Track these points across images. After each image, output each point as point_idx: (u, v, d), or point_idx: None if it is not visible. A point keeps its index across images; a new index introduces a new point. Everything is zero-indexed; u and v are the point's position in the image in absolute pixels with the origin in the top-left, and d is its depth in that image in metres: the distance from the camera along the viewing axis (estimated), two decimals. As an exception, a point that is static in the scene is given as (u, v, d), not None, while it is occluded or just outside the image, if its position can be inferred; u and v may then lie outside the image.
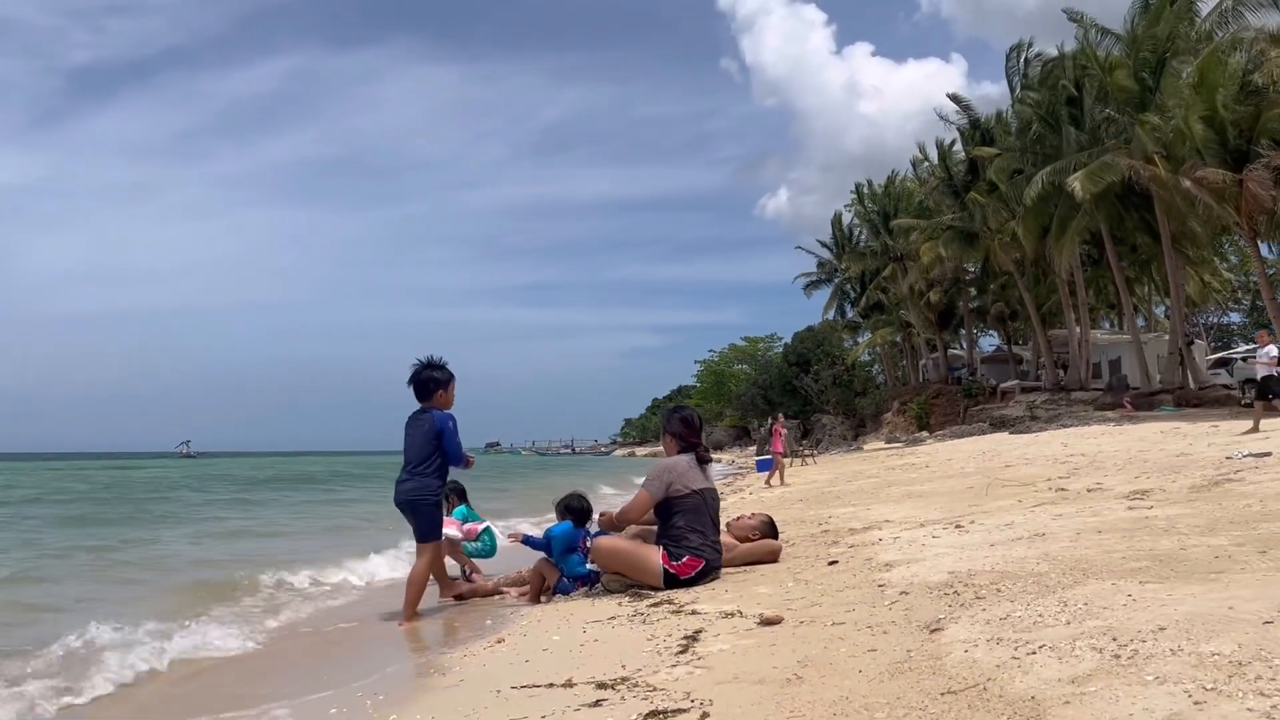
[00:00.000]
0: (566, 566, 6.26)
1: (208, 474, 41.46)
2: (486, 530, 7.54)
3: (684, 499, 5.71)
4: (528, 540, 6.56)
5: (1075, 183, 28.27)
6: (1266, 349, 15.85)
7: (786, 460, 31.16)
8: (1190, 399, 28.35)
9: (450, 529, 7.16)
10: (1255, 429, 14.08)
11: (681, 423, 6.06)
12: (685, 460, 5.86)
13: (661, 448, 6.27)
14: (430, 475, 6.21)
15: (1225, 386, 31.19)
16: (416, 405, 6.34)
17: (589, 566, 6.14)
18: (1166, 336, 34.38)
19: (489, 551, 7.51)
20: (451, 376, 6.39)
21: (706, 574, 5.67)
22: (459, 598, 6.80)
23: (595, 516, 6.56)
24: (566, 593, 6.21)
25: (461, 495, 7.84)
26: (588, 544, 6.11)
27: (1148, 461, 10.78)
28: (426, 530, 6.25)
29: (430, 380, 6.29)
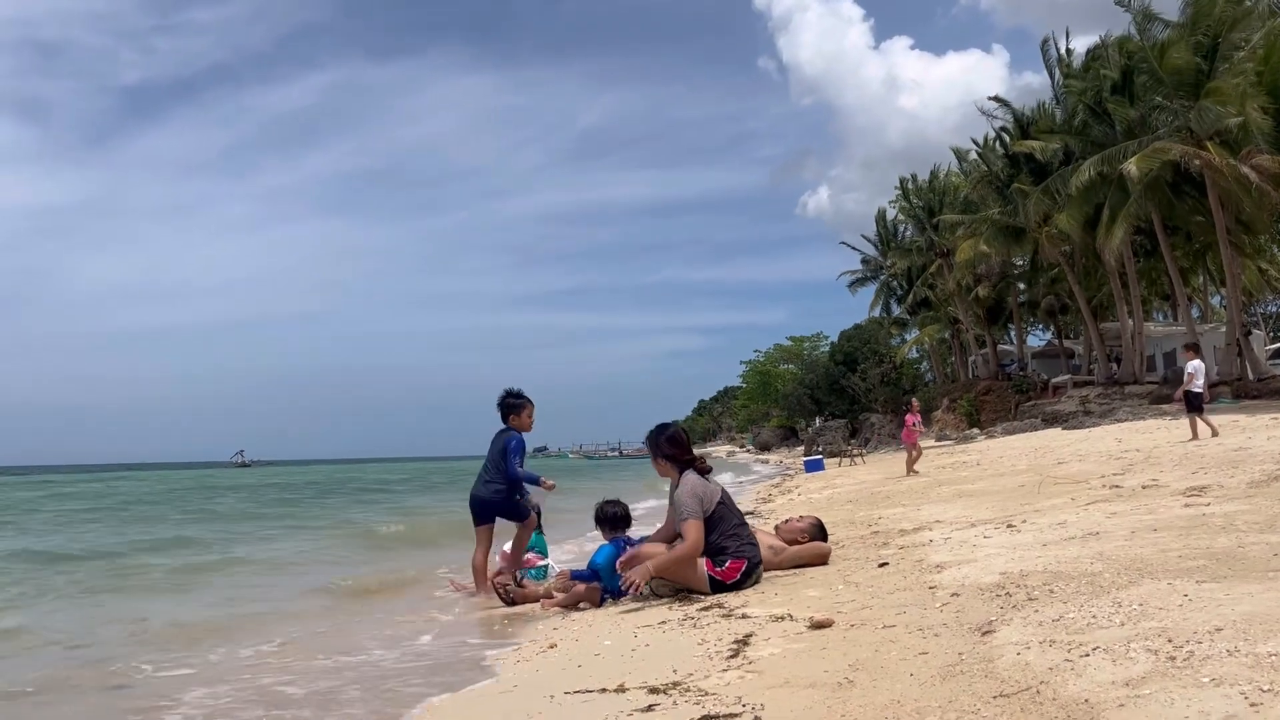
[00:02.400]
0: (613, 582, 6.31)
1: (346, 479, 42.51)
2: (542, 568, 7.66)
3: (711, 515, 5.70)
4: (576, 575, 6.64)
5: (1131, 165, 27.75)
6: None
7: (836, 460, 31.08)
8: (1249, 391, 27.69)
9: (501, 561, 7.64)
10: None
11: (670, 443, 5.96)
12: (696, 479, 5.79)
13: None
14: (496, 482, 7.46)
15: (1286, 377, 30.44)
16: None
17: None
18: (1223, 327, 33.63)
19: (539, 579, 7.61)
20: (526, 403, 7.60)
21: (750, 574, 5.69)
22: (511, 603, 6.90)
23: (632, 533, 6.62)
24: (617, 597, 6.25)
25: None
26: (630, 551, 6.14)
27: (1205, 456, 10.57)
28: (519, 516, 7.53)
29: (506, 405, 7.58)
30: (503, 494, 7.45)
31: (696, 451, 6.24)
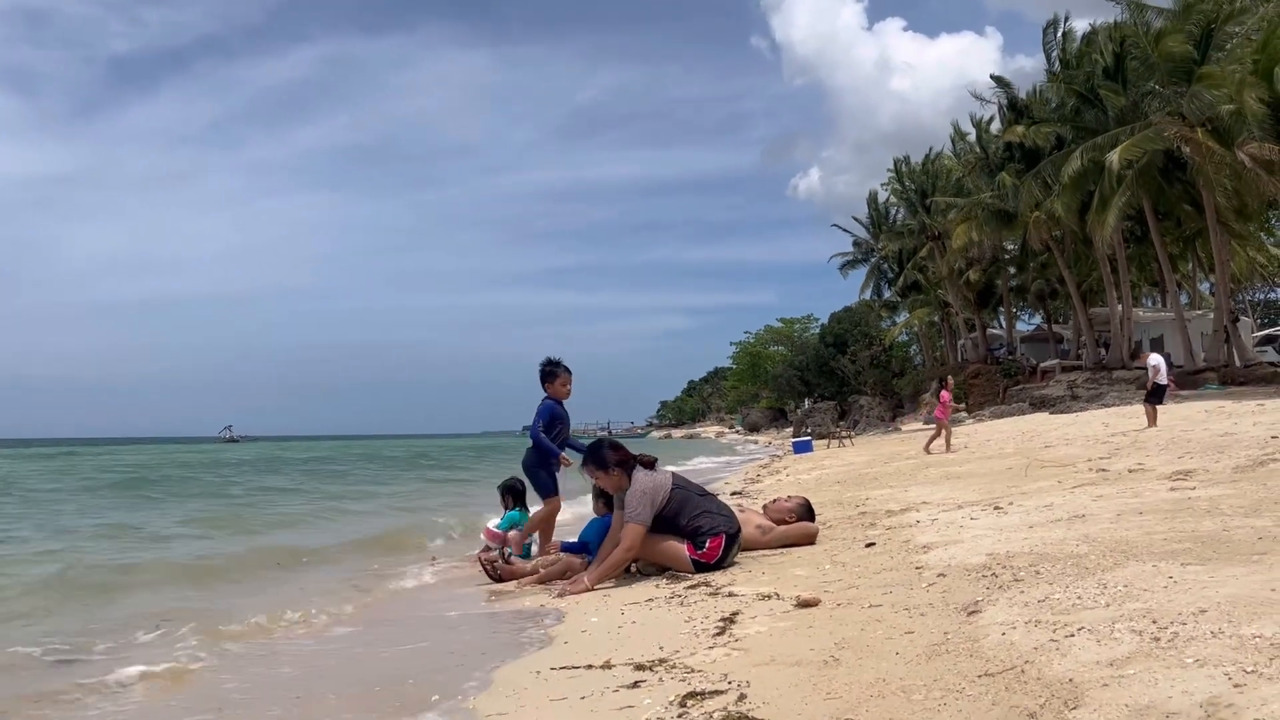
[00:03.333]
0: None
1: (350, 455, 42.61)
2: (526, 546, 7.65)
3: (669, 503, 5.73)
4: (566, 547, 6.72)
5: (1113, 156, 27.84)
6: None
7: (824, 441, 31.19)
8: (1235, 377, 27.84)
9: (485, 538, 7.68)
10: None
11: (613, 450, 6.01)
12: (642, 476, 5.82)
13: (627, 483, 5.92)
14: (529, 450, 7.59)
15: (1272, 364, 30.63)
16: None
17: None
18: (1211, 314, 33.76)
19: (525, 557, 7.63)
20: (556, 372, 7.62)
21: (730, 546, 5.72)
22: (498, 580, 6.91)
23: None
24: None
25: (518, 498, 7.93)
26: None
27: (1191, 441, 10.62)
28: (538, 489, 7.61)
29: (541, 373, 7.66)
30: (531, 460, 7.56)
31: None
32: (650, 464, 6.02)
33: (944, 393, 18.89)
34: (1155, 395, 15.75)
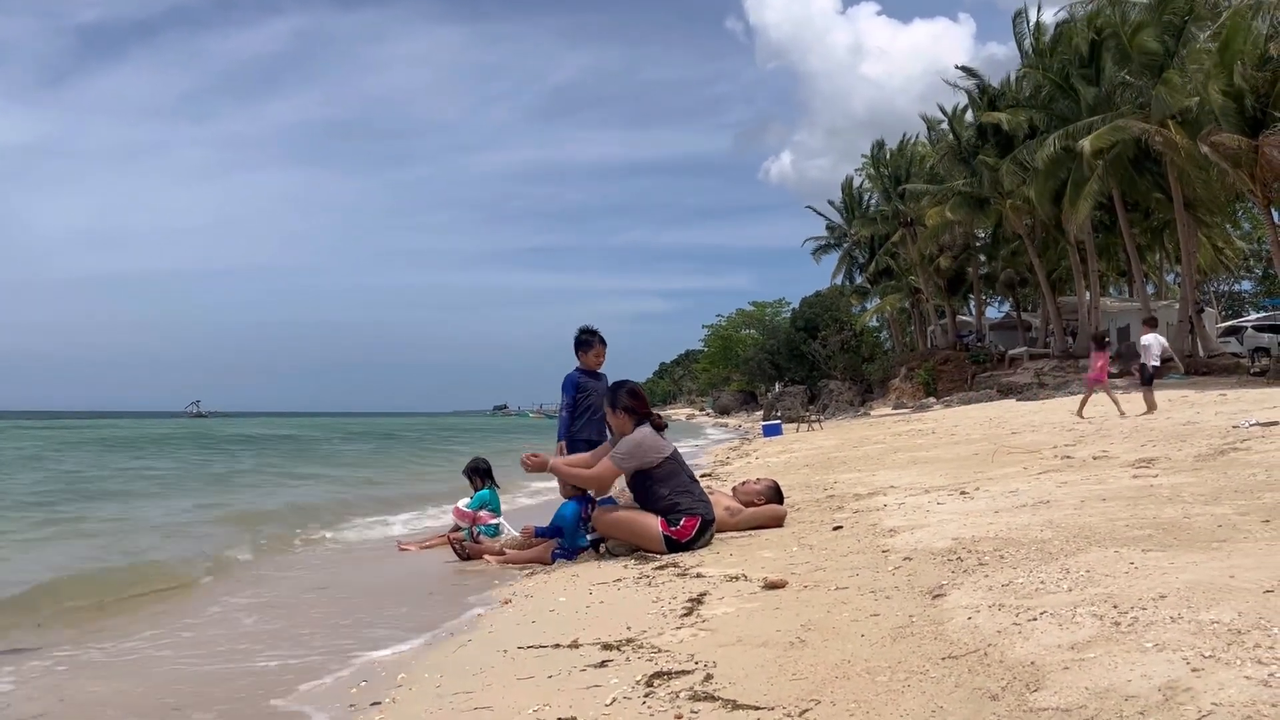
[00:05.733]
0: (574, 540, 6.34)
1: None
2: (493, 525, 7.62)
3: (657, 468, 5.73)
4: (540, 532, 6.68)
5: (1086, 143, 28.08)
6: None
7: (794, 425, 31.27)
8: (1199, 367, 28.25)
9: (455, 518, 7.52)
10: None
11: (630, 395, 5.99)
12: (647, 432, 5.84)
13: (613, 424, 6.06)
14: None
15: (1235, 355, 31.10)
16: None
17: (589, 537, 6.18)
18: (1177, 304, 34.19)
19: (491, 535, 7.61)
20: (591, 342, 7.25)
21: (704, 531, 5.72)
22: (466, 558, 6.91)
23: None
24: (570, 559, 6.27)
25: (485, 476, 7.88)
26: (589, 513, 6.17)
27: (1154, 430, 10.77)
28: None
29: (575, 341, 7.34)
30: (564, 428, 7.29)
31: (658, 411, 6.28)
32: (661, 426, 6.00)
33: (1099, 354, 16.08)
34: (1145, 378, 15.05)
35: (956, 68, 39.37)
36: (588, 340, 7.26)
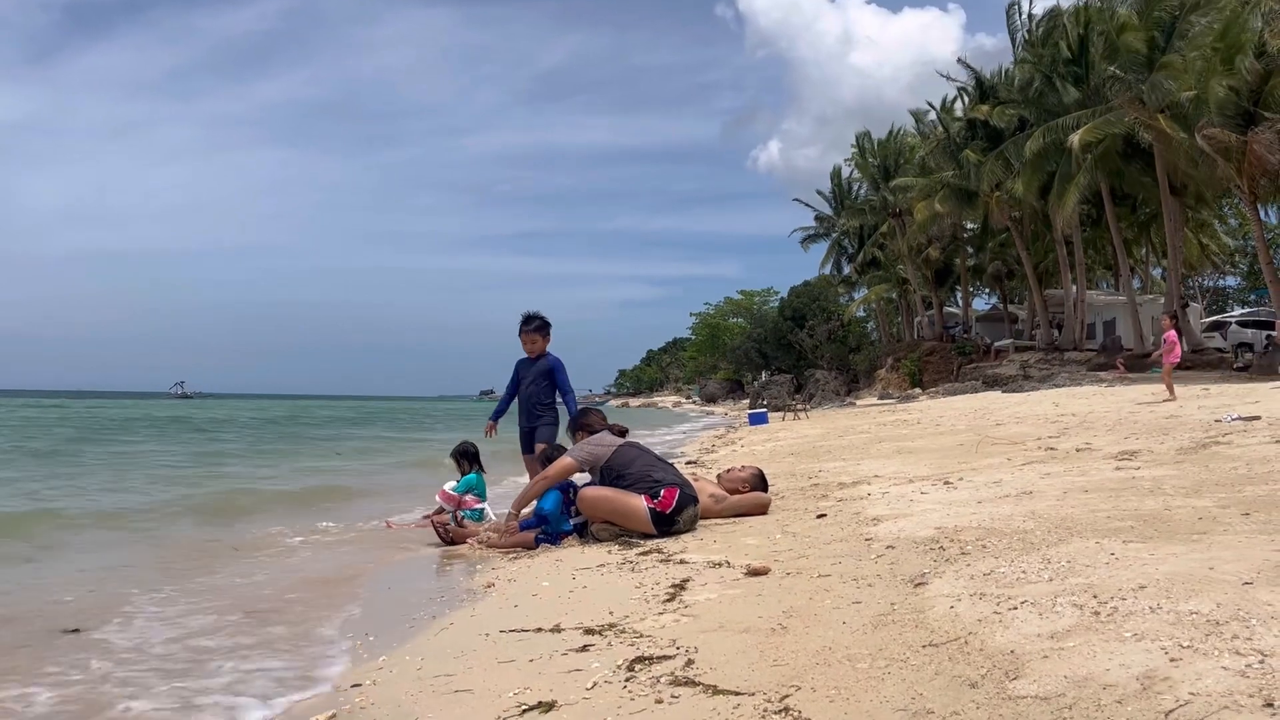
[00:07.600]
0: (559, 526, 6.32)
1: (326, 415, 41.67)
2: (478, 510, 7.58)
3: (617, 454, 6.03)
4: (525, 526, 6.62)
5: (1075, 137, 28.14)
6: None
7: (780, 414, 31.35)
8: (1183, 362, 28.39)
9: (440, 500, 7.54)
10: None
11: (596, 414, 6.72)
12: (602, 432, 6.34)
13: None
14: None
15: (1219, 350, 31.26)
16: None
17: (573, 522, 6.17)
18: (1162, 299, 34.36)
19: (476, 519, 7.58)
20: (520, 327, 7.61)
21: (685, 503, 5.79)
22: (449, 542, 6.90)
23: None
24: (554, 543, 6.26)
25: (473, 460, 7.84)
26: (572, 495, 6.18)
27: (1137, 423, 10.83)
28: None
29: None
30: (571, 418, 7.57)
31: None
32: (622, 432, 6.41)
33: (1170, 333, 15.57)
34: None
35: (958, 61, 39.43)
36: (520, 326, 7.65)
